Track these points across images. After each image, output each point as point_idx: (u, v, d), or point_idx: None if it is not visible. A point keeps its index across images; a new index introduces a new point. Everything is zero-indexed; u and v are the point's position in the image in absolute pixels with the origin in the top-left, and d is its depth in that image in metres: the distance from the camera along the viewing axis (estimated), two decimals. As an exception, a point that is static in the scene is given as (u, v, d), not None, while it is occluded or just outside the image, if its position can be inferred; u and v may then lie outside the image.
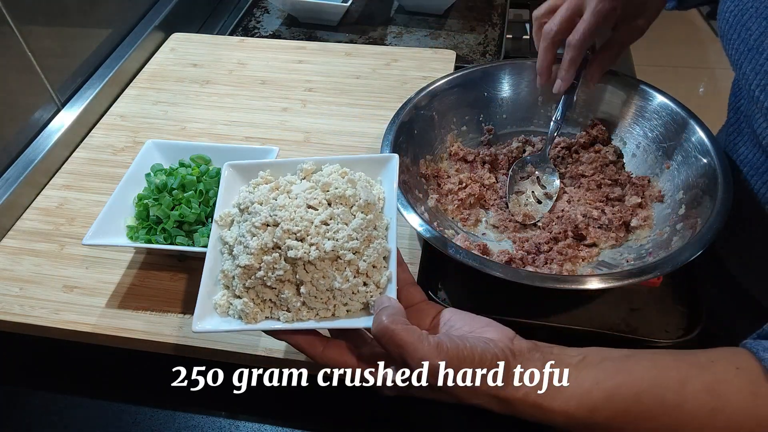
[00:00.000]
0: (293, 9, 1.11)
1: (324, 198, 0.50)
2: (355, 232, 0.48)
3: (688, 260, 0.54)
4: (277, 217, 0.48)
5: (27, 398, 0.62)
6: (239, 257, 0.48)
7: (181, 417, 0.60)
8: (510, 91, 0.77)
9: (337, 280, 0.47)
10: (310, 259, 0.46)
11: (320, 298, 0.47)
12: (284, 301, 0.48)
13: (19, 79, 0.77)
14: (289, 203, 0.49)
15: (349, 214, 0.49)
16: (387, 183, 0.53)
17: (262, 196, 0.51)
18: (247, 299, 0.48)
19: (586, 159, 0.74)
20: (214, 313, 0.49)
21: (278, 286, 0.48)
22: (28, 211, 0.74)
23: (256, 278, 0.48)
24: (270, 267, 0.47)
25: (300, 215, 0.48)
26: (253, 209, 0.50)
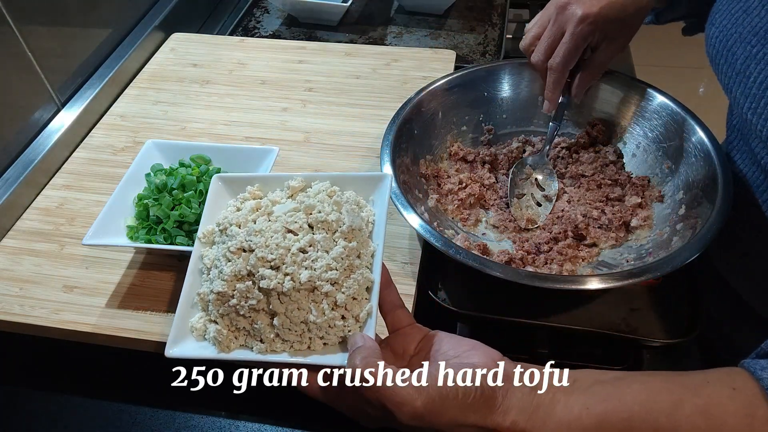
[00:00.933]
0: (293, 9, 1.11)
1: (306, 222, 0.48)
2: (335, 261, 0.46)
3: (688, 260, 0.54)
4: (252, 242, 0.46)
5: (27, 398, 0.62)
6: (213, 282, 0.47)
7: (181, 417, 0.60)
8: (510, 91, 0.77)
9: (313, 314, 0.45)
10: (283, 290, 0.45)
11: (294, 331, 0.45)
12: (258, 331, 0.46)
13: (19, 79, 0.77)
14: (267, 227, 0.47)
15: (331, 241, 0.47)
16: (378, 204, 0.51)
17: (241, 217, 0.49)
18: (221, 326, 0.46)
19: (586, 159, 0.74)
20: (190, 337, 0.47)
21: (252, 316, 0.46)
22: (28, 211, 0.74)
23: (230, 306, 0.46)
24: (243, 296, 0.45)
25: (276, 242, 0.46)
26: (230, 232, 0.48)
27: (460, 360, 0.43)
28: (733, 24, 0.55)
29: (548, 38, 0.66)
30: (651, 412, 0.40)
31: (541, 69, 0.68)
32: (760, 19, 0.53)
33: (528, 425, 0.41)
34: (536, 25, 0.68)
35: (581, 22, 0.63)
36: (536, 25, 0.68)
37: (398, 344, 0.47)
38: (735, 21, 0.55)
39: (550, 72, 0.67)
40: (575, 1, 0.63)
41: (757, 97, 0.52)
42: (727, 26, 0.56)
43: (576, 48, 0.65)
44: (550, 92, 0.69)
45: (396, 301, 0.49)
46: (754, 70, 0.52)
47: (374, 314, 0.46)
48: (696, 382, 0.42)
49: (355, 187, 0.52)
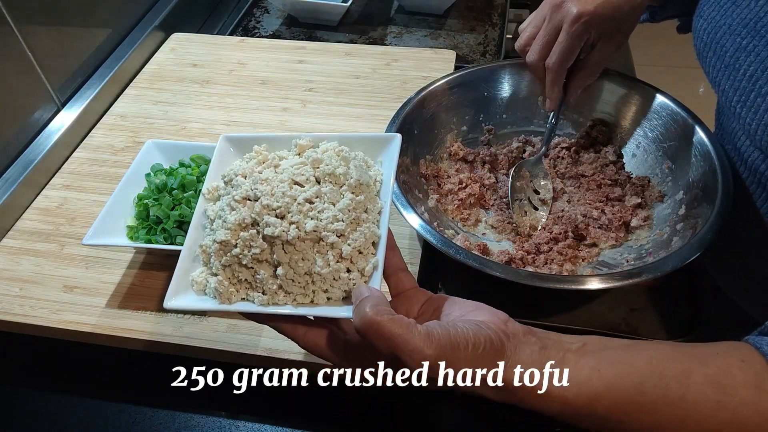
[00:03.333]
0: (293, 9, 1.11)
1: (312, 175, 0.47)
2: (342, 213, 0.45)
3: (688, 260, 0.54)
4: (257, 191, 0.45)
5: (27, 398, 0.62)
6: (216, 232, 0.45)
7: (181, 417, 0.60)
8: (510, 91, 0.77)
9: (318, 264, 0.44)
10: (288, 239, 0.43)
11: (298, 282, 0.44)
12: (260, 283, 0.45)
13: (19, 79, 0.77)
14: (273, 177, 0.47)
15: (338, 194, 0.46)
16: (387, 165, 0.50)
17: (247, 168, 0.48)
18: (223, 278, 0.45)
19: (586, 159, 0.74)
20: (191, 290, 0.46)
21: (254, 266, 0.45)
22: (28, 211, 0.74)
23: (232, 255, 0.44)
24: (246, 244, 0.44)
25: (282, 191, 0.45)
26: (235, 182, 0.47)
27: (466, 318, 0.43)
28: (722, 15, 0.55)
29: (543, 37, 0.66)
30: (662, 377, 0.40)
31: (536, 69, 0.68)
32: (749, 11, 0.52)
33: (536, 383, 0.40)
34: (530, 25, 0.68)
35: (576, 21, 0.62)
36: (530, 24, 0.68)
37: (401, 307, 0.46)
38: (724, 12, 0.55)
39: (548, 72, 0.67)
40: (570, 0, 0.63)
41: (747, 90, 0.52)
42: (715, 18, 0.56)
43: (572, 47, 0.64)
44: (549, 91, 0.69)
45: (399, 263, 0.48)
46: (744, 62, 0.52)
47: (380, 268, 0.45)
48: (705, 352, 0.42)
49: (363, 148, 0.51)
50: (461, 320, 0.42)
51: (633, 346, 0.43)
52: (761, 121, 0.51)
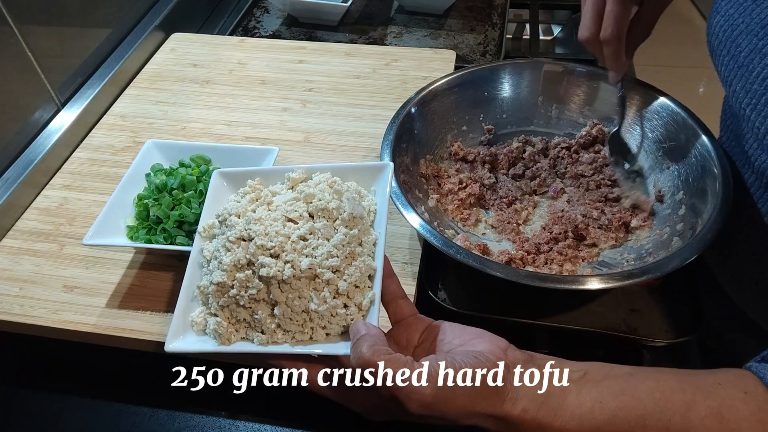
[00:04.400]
0: (293, 9, 1.11)
1: (306, 211, 0.48)
2: (336, 249, 0.45)
3: (688, 260, 0.54)
4: (251, 231, 0.45)
5: (27, 398, 0.62)
6: (213, 273, 0.46)
7: (181, 417, 0.60)
8: (510, 91, 0.77)
9: (314, 302, 0.44)
10: (284, 278, 0.44)
11: (296, 321, 0.45)
12: (258, 322, 0.45)
13: (19, 79, 0.77)
14: (266, 216, 0.47)
15: (332, 229, 0.47)
16: (380, 193, 0.51)
17: (241, 207, 0.49)
18: (222, 318, 0.45)
19: (586, 159, 0.74)
20: (191, 331, 0.47)
21: (252, 306, 0.45)
22: (28, 211, 0.74)
23: (230, 297, 0.45)
24: (243, 285, 0.45)
25: (276, 230, 0.45)
26: (229, 222, 0.48)
27: (465, 348, 0.42)
28: (740, 14, 0.54)
29: (590, 10, 0.64)
30: (665, 411, 0.40)
31: (592, 44, 0.66)
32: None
33: (539, 414, 0.40)
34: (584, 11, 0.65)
35: None
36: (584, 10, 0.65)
37: (401, 335, 0.46)
38: (743, 11, 0.54)
39: (606, 45, 0.64)
40: None
41: (758, 93, 0.51)
42: (733, 15, 0.54)
43: (624, 12, 0.62)
44: (613, 62, 0.66)
45: (398, 291, 0.48)
46: (758, 64, 0.51)
47: (377, 302, 0.45)
48: (708, 383, 0.41)
49: (356, 178, 0.52)
50: (460, 352, 0.42)
51: (636, 374, 0.42)
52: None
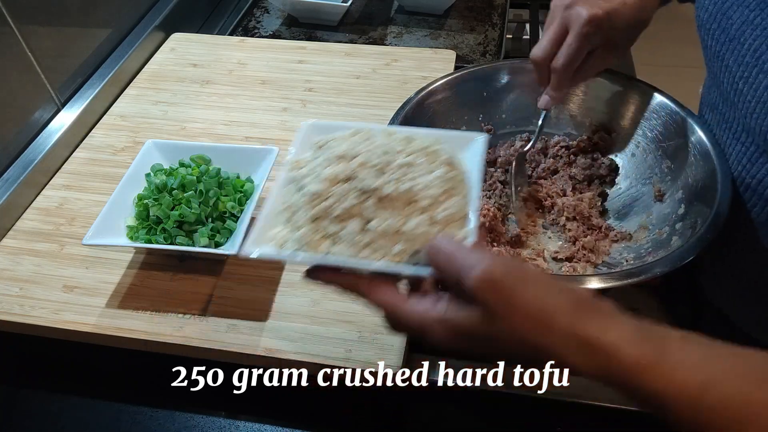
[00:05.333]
0: (293, 9, 1.11)
1: (406, 147, 0.46)
2: (438, 180, 0.44)
3: (688, 260, 0.54)
4: (356, 150, 0.45)
5: (27, 398, 0.62)
6: (308, 185, 0.45)
7: (181, 417, 0.60)
8: (510, 91, 0.77)
9: (410, 223, 0.42)
10: (384, 194, 0.42)
11: (388, 240, 0.42)
12: (348, 236, 0.43)
13: (19, 79, 0.77)
14: (370, 144, 0.46)
15: (432, 165, 0.46)
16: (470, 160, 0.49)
17: (344, 136, 0.48)
18: (309, 230, 0.44)
19: (581, 164, 0.73)
20: (267, 245, 0.45)
21: (345, 219, 0.43)
22: (28, 211, 0.74)
23: (323, 208, 0.43)
24: (340, 197, 0.43)
25: (382, 151, 0.45)
26: (332, 143, 0.47)
27: None
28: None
29: (550, 35, 0.65)
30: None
31: (541, 66, 0.67)
32: None
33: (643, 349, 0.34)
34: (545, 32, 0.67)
35: (587, 24, 0.61)
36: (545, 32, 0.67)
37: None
38: None
39: (554, 73, 0.66)
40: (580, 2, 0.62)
41: (750, 65, 0.51)
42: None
43: (580, 49, 0.63)
44: (554, 91, 0.68)
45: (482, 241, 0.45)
46: (749, 36, 0.51)
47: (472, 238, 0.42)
48: None
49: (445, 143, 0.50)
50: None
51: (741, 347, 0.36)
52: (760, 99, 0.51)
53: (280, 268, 0.65)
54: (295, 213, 0.45)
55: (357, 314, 0.60)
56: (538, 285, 0.35)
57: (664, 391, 0.33)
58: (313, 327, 0.60)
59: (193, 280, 0.65)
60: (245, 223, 0.62)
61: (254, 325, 0.60)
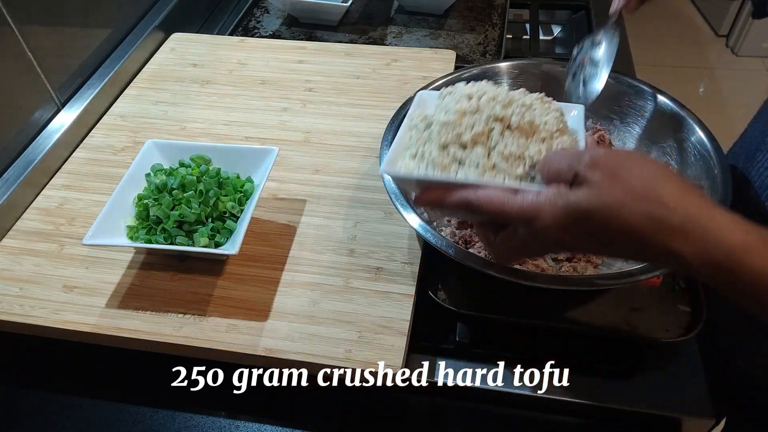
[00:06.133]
0: (293, 9, 1.11)
1: (526, 96, 0.52)
2: (555, 119, 0.50)
3: (688, 260, 0.54)
4: (480, 91, 0.51)
5: (27, 398, 0.62)
6: (438, 117, 0.50)
7: (181, 417, 0.60)
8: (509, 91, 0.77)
9: (532, 148, 0.47)
10: (510, 122, 0.48)
11: (510, 163, 0.47)
12: (474, 159, 0.48)
13: (19, 79, 0.77)
14: (493, 90, 0.51)
15: (547, 110, 0.51)
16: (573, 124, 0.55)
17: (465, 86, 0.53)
18: (438, 155, 0.49)
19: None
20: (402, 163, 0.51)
21: (472, 145, 0.48)
22: (28, 211, 0.74)
23: (454, 134, 0.48)
24: (469, 124, 0.48)
25: (504, 93, 0.50)
26: (456, 88, 0.53)
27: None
28: None
29: None
30: None
31: None
32: None
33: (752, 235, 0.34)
34: None
35: None
36: None
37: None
38: None
39: None
40: None
41: None
42: None
43: None
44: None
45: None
46: None
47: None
48: None
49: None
50: None
51: None
52: None
53: (280, 268, 0.66)
54: (425, 144, 0.50)
55: (357, 314, 0.60)
56: (646, 166, 0.37)
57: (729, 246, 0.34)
58: (313, 327, 0.60)
59: (193, 280, 0.65)
60: (245, 223, 0.62)
61: (254, 325, 0.60)
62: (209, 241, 0.64)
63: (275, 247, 0.68)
